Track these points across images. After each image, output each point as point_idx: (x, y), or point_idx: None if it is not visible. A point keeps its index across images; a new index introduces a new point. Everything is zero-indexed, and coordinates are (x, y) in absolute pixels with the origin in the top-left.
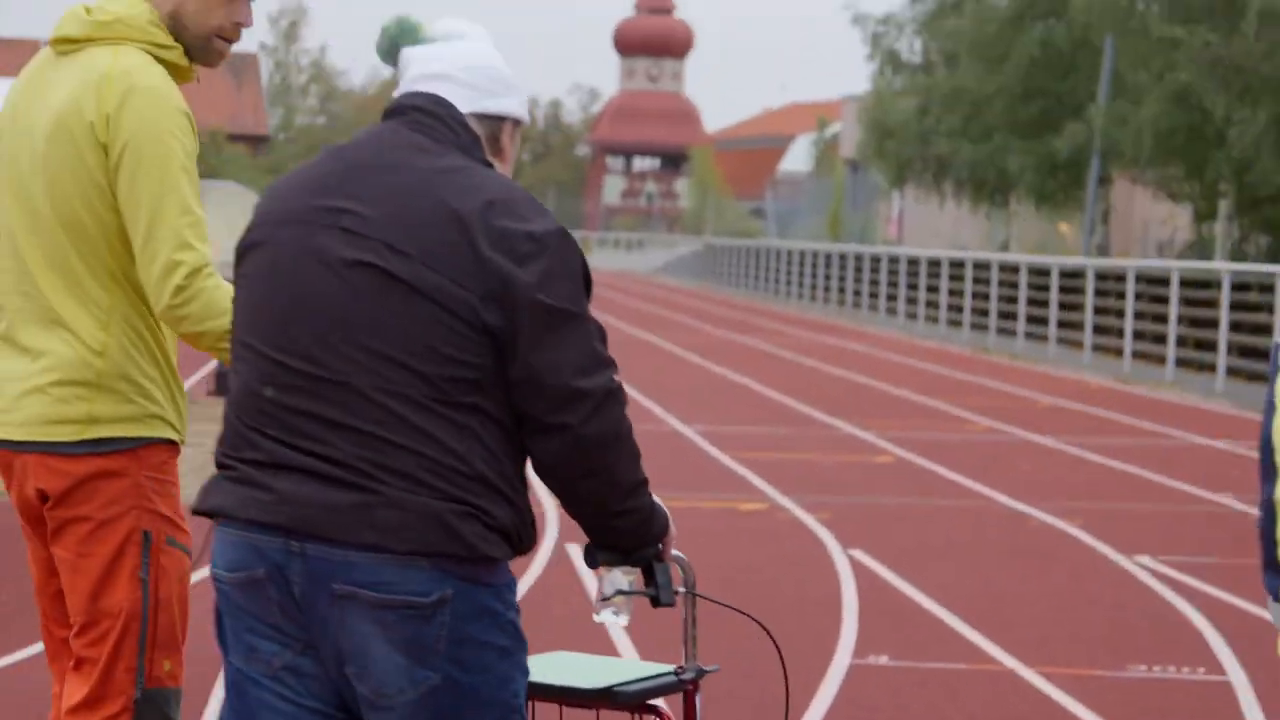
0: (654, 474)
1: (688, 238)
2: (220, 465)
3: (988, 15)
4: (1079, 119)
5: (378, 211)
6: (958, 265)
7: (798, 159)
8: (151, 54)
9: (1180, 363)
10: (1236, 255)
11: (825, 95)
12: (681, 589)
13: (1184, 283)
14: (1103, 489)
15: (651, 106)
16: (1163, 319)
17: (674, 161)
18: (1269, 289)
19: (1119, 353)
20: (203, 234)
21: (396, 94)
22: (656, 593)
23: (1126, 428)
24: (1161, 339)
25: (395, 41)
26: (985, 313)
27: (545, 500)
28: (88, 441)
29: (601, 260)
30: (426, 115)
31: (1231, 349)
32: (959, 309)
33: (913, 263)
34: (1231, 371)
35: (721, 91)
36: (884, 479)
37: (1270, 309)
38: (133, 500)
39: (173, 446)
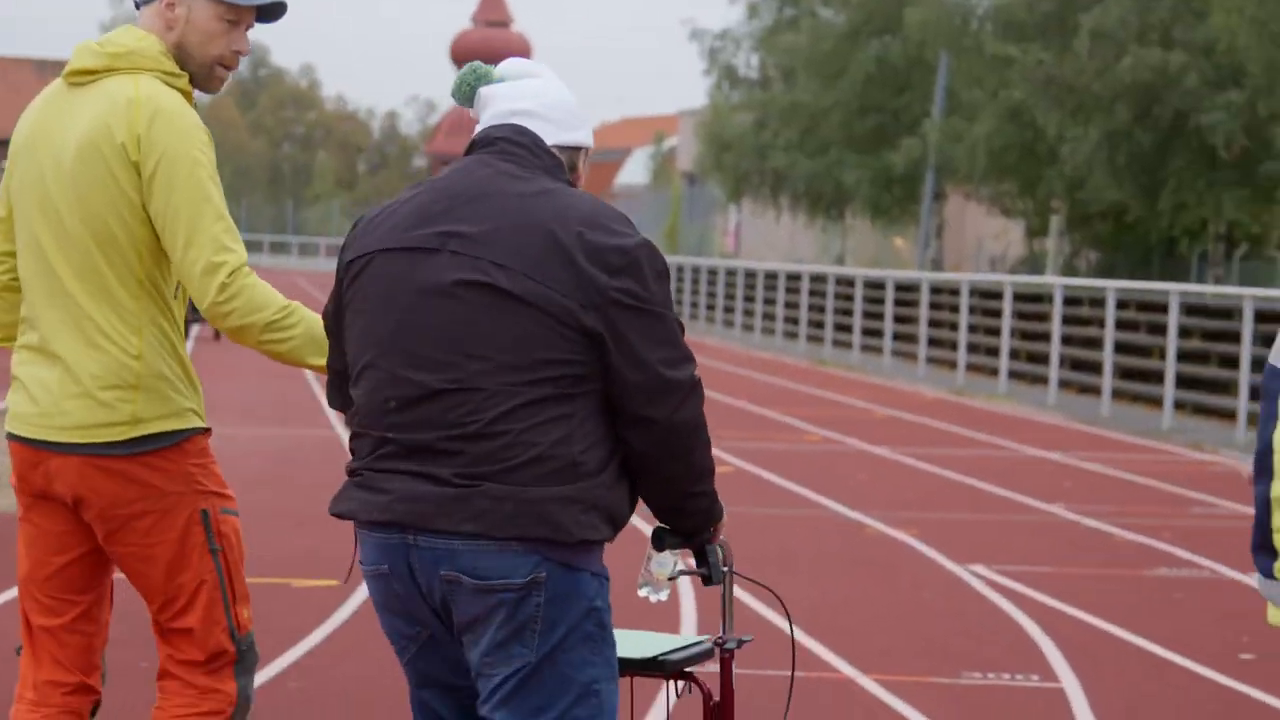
0: None
1: None
2: (350, 473)
3: (824, 31)
4: (914, 134)
5: (479, 231)
6: (794, 278)
7: (635, 172)
8: (164, 82)
9: (1013, 375)
10: (1068, 270)
11: (662, 109)
12: (726, 569)
13: (1017, 297)
14: (937, 499)
15: None
16: (996, 332)
17: None
18: (1099, 303)
19: (953, 365)
20: (237, 237)
21: (486, 125)
22: (709, 572)
23: (961, 439)
24: (995, 352)
25: (473, 85)
26: (821, 325)
27: None
28: (134, 440)
29: None
30: (513, 145)
31: (1063, 362)
32: (795, 321)
33: (750, 275)
34: (1063, 384)
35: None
36: (721, 489)
37: (1100, 323)
38: (184, 487)
39: (206, 433)
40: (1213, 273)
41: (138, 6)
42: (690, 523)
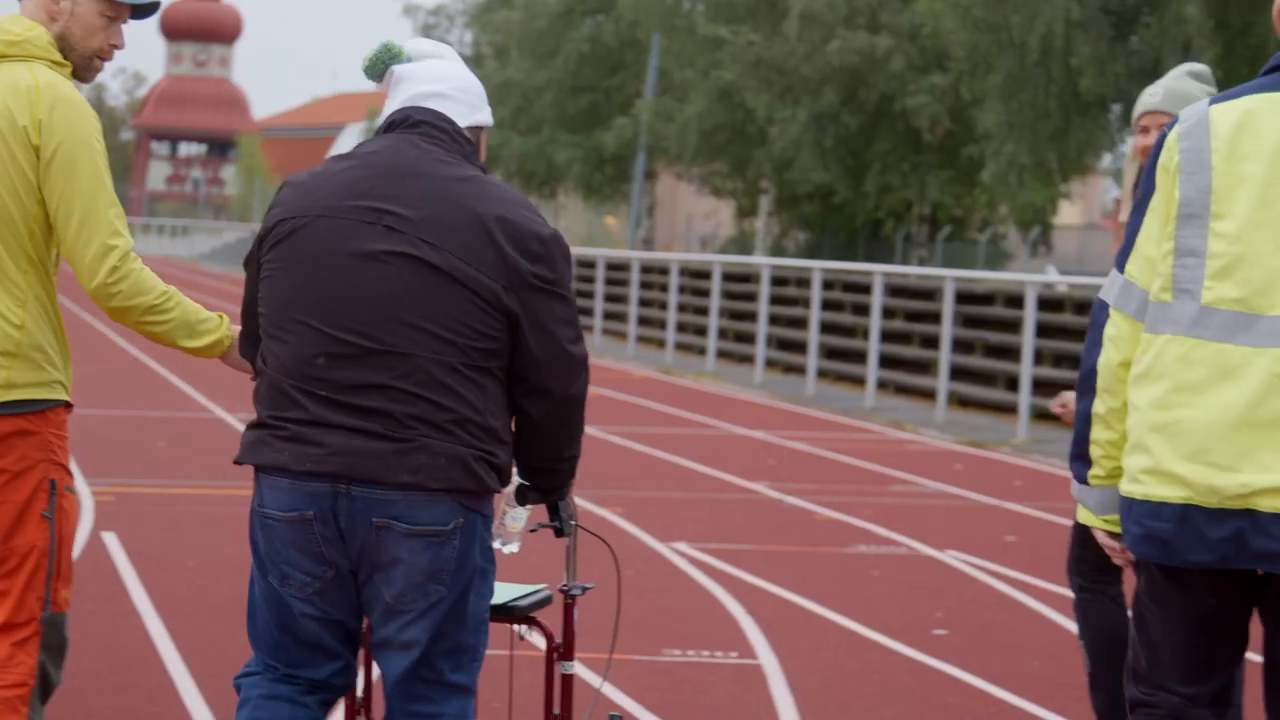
0: (201, 466)
1: (234, 225)
2: (265, 425)
3: (538, 10)
4: (626, 114)
5: (415, 213)
6: None
7: (348, 147)
8: (53, 70)
9: (721, 354)
10: (776, 250)
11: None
12: (573, 522)
13: (725, 276)
14: (643, 477)
15: (198, 92)
16: (704, 311)
17: (221, 148)
18: (805, 283)
19: (662, 344)
20: (125, 223)
21: (396, 107)
22: (561, 525)
23: (668, 417)
24: (703, 331)
25: (386, 63)
26: None
27: None
28: (6, 404)
29: (145, 246)
30: (435, 130)
31: (770, 341)
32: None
33: None
34: (769, 363)
35: (270, 79)
36: None
37: (806, 303)
38: (42, 454)
39: (69, 407)
40: (916, 254)
41: None
42: (556, 480)
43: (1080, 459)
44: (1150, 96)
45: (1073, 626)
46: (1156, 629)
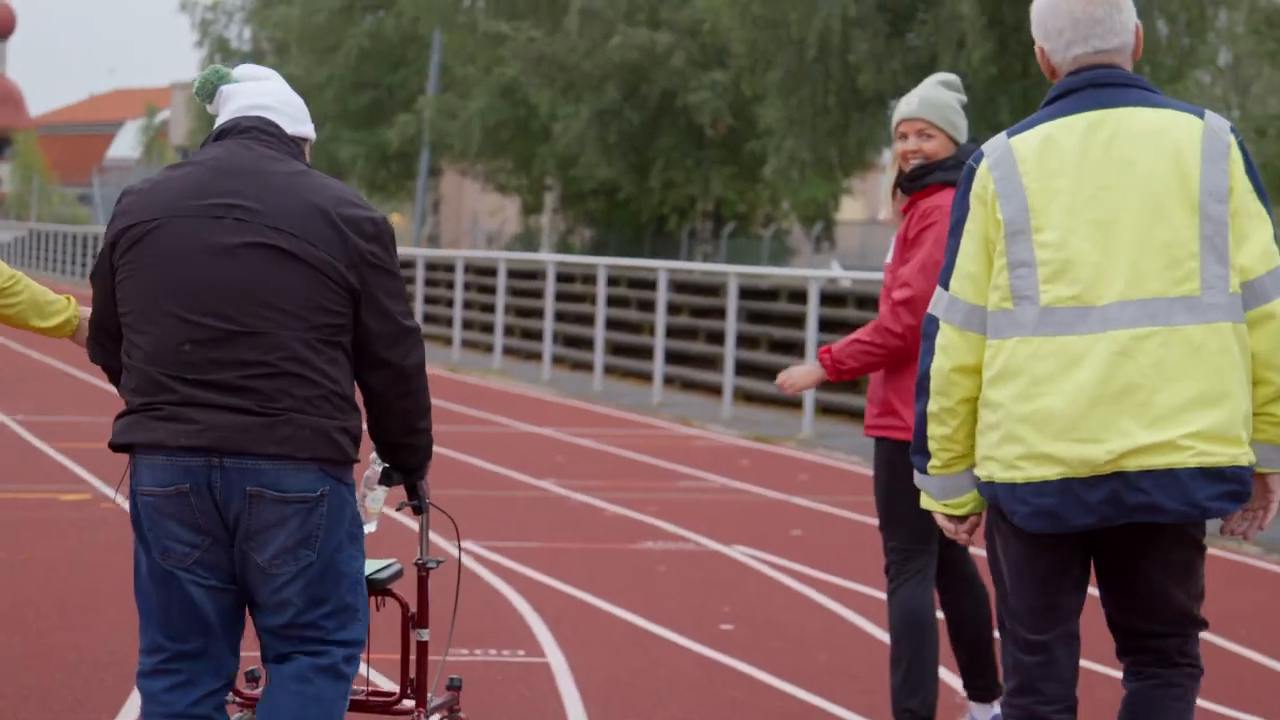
0: None
1: (10, 223)
2: (138, 410)
3: (317, 5)
4: (410, 111)
5: (260, 204)
6: None
7: (126, 145)
8: None
9: (508, 351)
10: (563, 247)
11: (154, 81)
12: (428, 501)
13: (511, 273)
14: (431, 476)
15: None
16: (491, 309)
17: None
18: (591, 280)
19: (449, 341)
20: None
21: (229, 114)
22: (419, 502)
23: (455, 415)
24: (490, 328)
25: (215, 84)
26: None
27: None
28: None
29: None
30: (264, 134)
31: (556, 338)
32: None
33: None
34: (557, 360)
35: (46, 75)
36: None
37: (592, 300)
38: None
39: None
40: (701, 250)
41: None
42: (416, 458)
43: (920, 452)
44: (907, 105)
45: (858, 620)
46: (1023, 588)
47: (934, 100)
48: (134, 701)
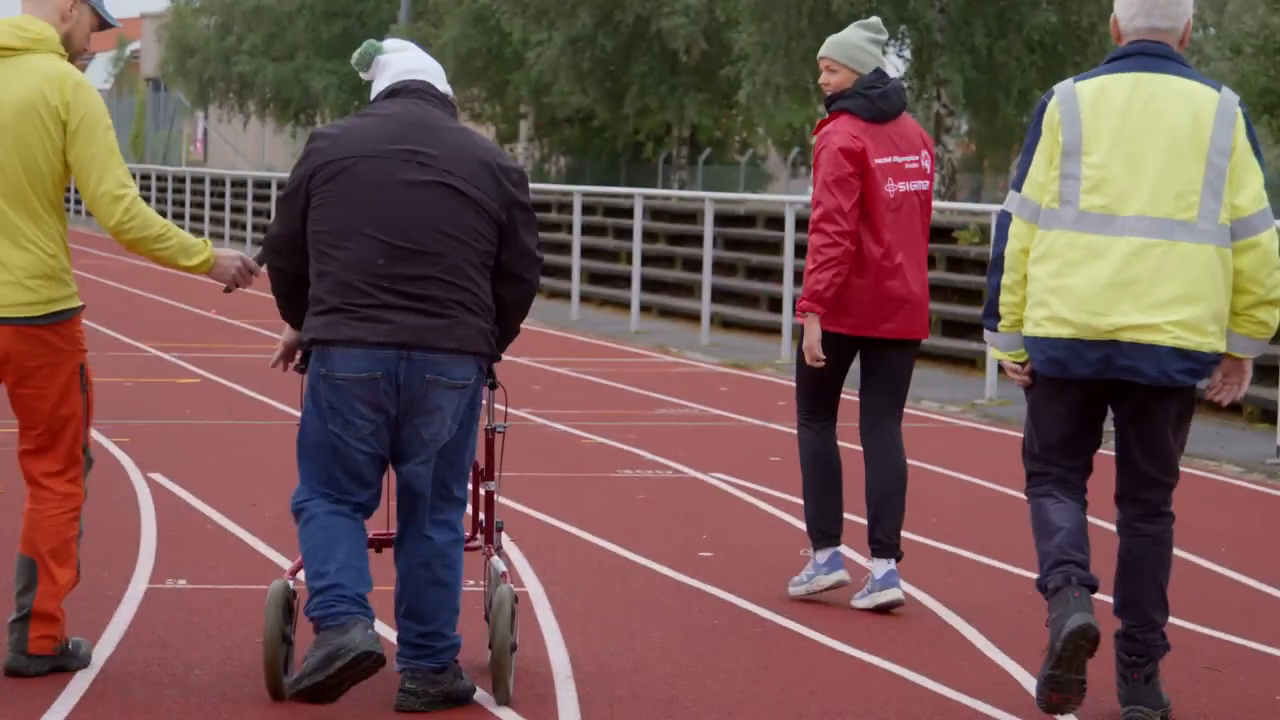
0: None
1: None
2: (337, 309)
3: None
4: (382, 39)
5: (438, 152)
6: (263, 185)
7: (97, 76)
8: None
9: None
10: (539, 175)
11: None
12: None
13: None
14: None
15: None
16: None
17: None
18: (567, 208)
19: None
20: (130, 175)
21: (392, 81)
22: (493, 380)
23: None
24: None
25: (372, 55)
26: None
27: None
28: (48, 315)
29: None
30: (427, 95)
31: None
32: (263, 229)
33: (217, 183)
34: None
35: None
36: (188, 401)
37: (570, 228)
38: (72, 346)
39: (83, 309)
40: (677, 176)
41: None
42: (505, 346)
43: (992, 315)
44: (827, 46)
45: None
46: (1047, 422)
47: (840, 40)
48: (109, 636)
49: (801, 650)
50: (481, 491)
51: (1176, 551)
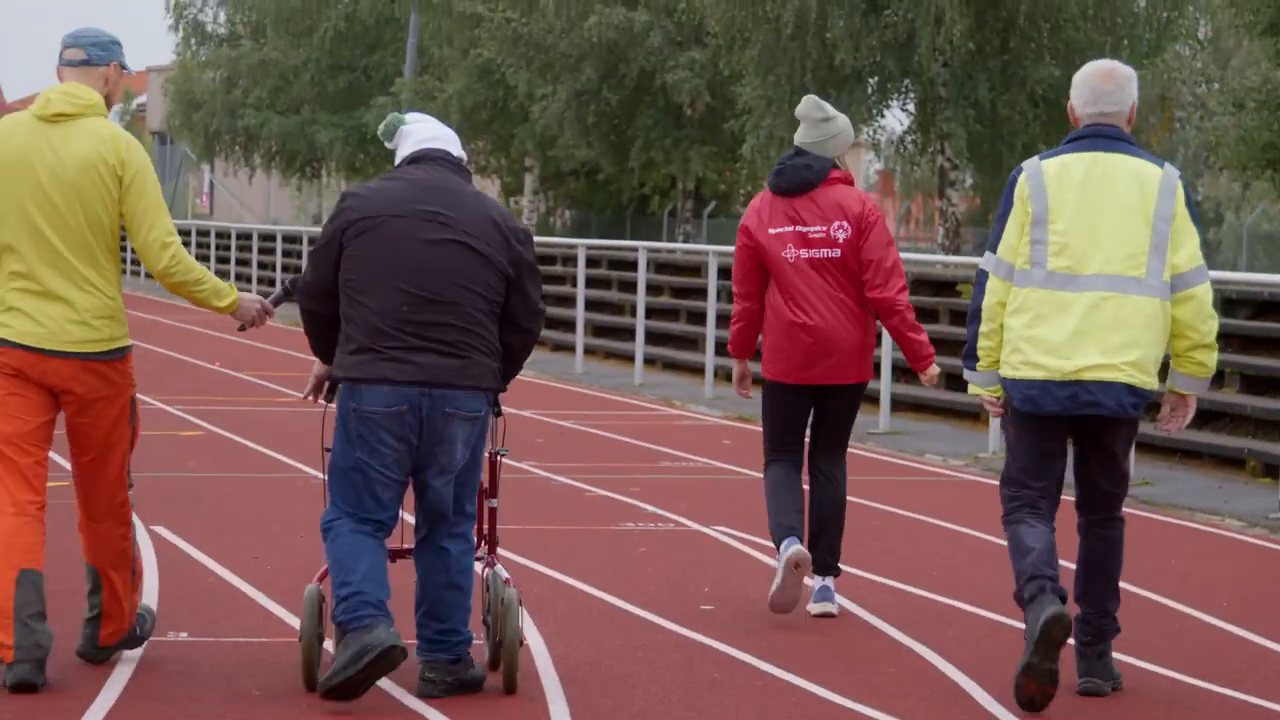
0: None
1: None
2: (367, 349)
3: None
4: (387, 93)
5: (455, 214)
6: (268, 238)
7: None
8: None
9: None
10: (544, 228)
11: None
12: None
13: None
14: None
15: None
16: None
17: None
18: (571, 261)
19: None
20: (173, 224)
21: (414, 149)
22: (498, 409)
23: None
24: None
25: (396, 127)
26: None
27: None
28: (110, 350)
29: None
30: (446, 163)
31: None
32: (271, 283)
33: (223, 236)
34: (537, 342)
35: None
36: (192, 453)
37: (574, 281)
38: (126, 380)
39: (132, 348)
40: (681, 230)
41: (78, 64)
42: (512, 378)
43: (971, 358)
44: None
45: (839, 599)
46: (1021, 451)
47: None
48: (110, 689)
49: (802, 704)
50: (486, 508)
51: (1176, 605)
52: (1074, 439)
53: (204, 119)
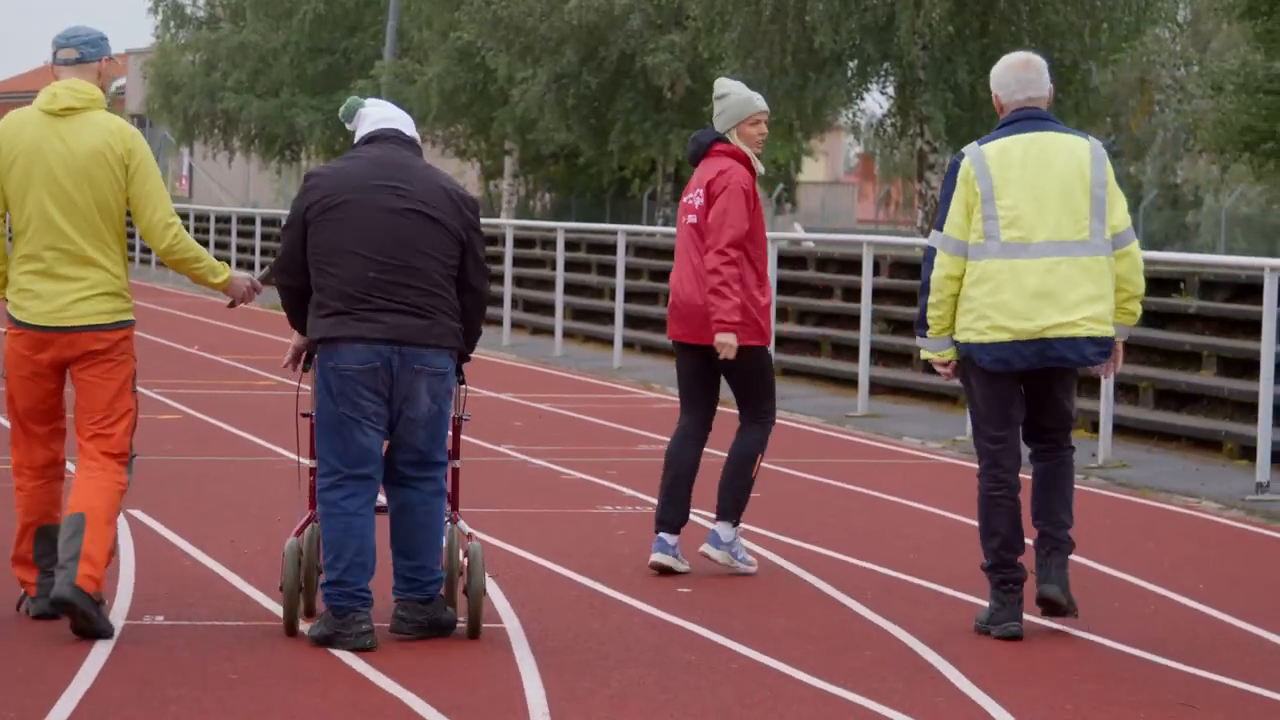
0: None
1: None
2: (339, 313)
3: None
4: (367, 76)
5: (411, 187)
6: (248, 221)
7: None
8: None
9: None
10: (524, 211)
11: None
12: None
13: None
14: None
15: None
16: None
17: None
18: (550, 244)
19: None
20: (173, 206)
21: (370, 129)
22: (462, 377)
23: None
24: None
25: (355, 109)
26: None
27: None
28: (115, 323)
29: None
30: (399, 141)
31: (515, 303)
32: (250, 266)
33: (201, 219)
34: (516, 325)
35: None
36: (170, 436)
37: (553, 264)
38: (130, 352)
39: (134, 324)
40: (661, 213)
41: (71, 63)
42: (471, 347)
43: (922, 325)
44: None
45: (816, 582)
46: (987, 403)
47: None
48: (85, 673)
49: (778, 686)
50: (450, 468)
51: (1152, 587)
52: (1025, 388)
53: (183, 102)
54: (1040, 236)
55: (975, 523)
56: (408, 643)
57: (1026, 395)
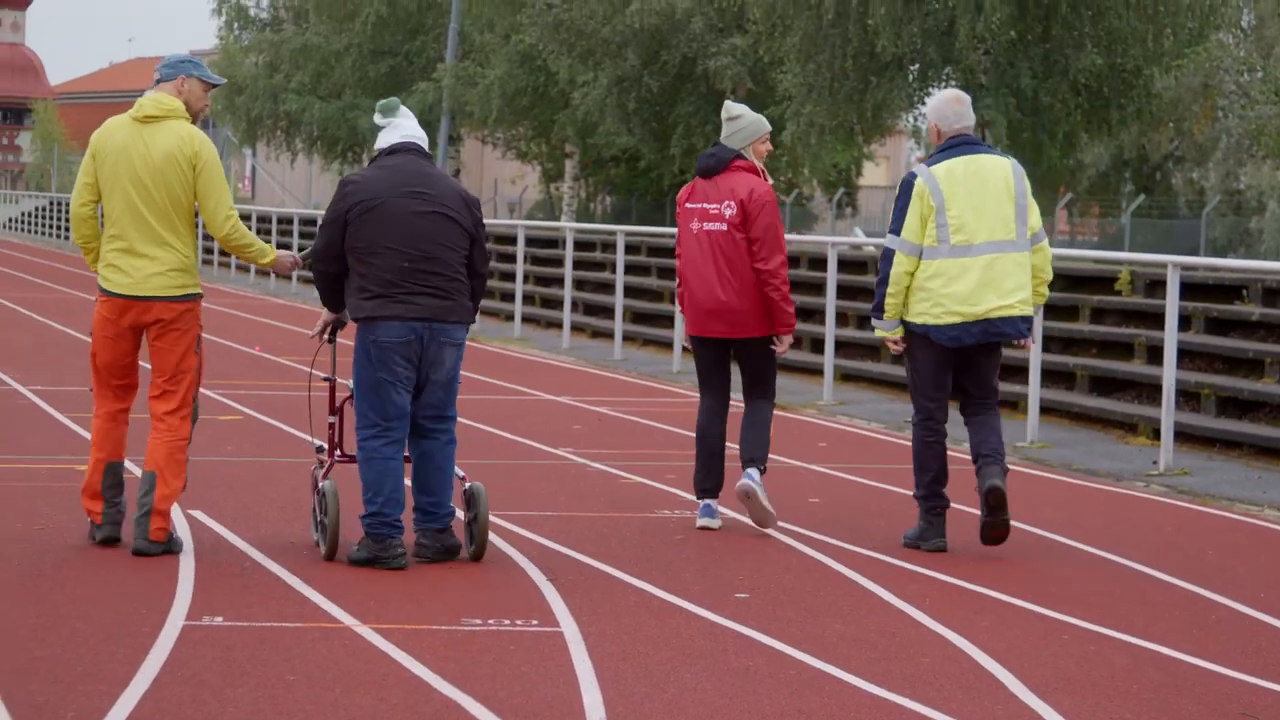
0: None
1: (32, 193)
2: (380, 295)
3: None
4: (428, 78)
5: (434, 192)
6: (309, 223)
7: None
8: (188, 122)
9: (527, 319)
10: (584, 214)
11: (174, 50)
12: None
13: (530, 241)
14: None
15: None
16: (511, 277)
17: (16, 115)
18: (610, 248)
19: None
20: (232, 201)
21: (399, 139)
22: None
23: (475, 384)
24: (510, 296)
25: (396, 109)
26: None
27: None
28: (184, 295)
29: None
30: (419, 152)
31: (576, 306)
32: (308, 267)
33: (264, 220)
34: (576, 329)
35: (65, 44)
36: (231, 437)
37: (613, 267)
38: (195, 319)
39: (202, 296)
40: None
41: (156, 83)
42: (475, 315)
43: (879, 310)
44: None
45: (875, 588)
46: (928, 372)
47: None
48: (144, 673)
49: (836, 694)
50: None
51: (1212, 595)
52: (963, 359)
53: (246, 103)
54: (981, 238)
55: (1039, 531)
56: (465, 646)
57: (961, 371)
